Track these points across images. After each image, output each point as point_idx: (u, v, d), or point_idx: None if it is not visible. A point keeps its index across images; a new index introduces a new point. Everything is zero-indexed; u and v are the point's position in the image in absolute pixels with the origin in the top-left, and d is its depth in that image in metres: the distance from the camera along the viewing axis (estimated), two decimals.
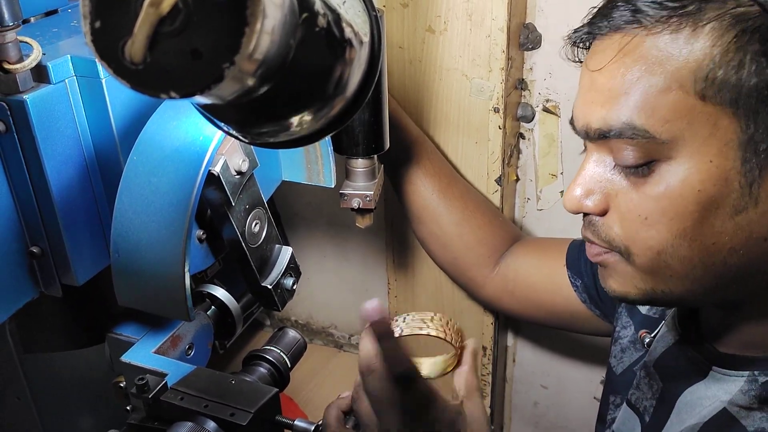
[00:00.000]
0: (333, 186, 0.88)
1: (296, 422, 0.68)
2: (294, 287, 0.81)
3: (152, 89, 0.36)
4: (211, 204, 0.72)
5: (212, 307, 0.81)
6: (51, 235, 0.67)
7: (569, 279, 0.91)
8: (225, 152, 0.69)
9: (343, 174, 0.86)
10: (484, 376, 1.14)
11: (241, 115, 0.45)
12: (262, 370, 0.75)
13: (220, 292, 0.81)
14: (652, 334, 0.74)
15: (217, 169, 0.68)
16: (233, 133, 0.47)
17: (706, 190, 0.53)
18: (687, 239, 0.55)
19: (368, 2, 0.47)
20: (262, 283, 0.77)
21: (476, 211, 0.96)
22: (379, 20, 0.48)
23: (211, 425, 0.64)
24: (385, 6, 0.95)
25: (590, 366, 1.15)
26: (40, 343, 0.80)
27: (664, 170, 0.54)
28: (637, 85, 0.54)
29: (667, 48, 0.53)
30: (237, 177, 0.71)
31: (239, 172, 0.71)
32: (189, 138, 0.66)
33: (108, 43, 0.36)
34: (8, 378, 0.83)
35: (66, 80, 0.64)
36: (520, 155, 1.06)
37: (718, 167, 0.53)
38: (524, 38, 0.96)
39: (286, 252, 0.81)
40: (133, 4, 0.35)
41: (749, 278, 0.56)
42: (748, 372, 0.60)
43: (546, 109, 1.01)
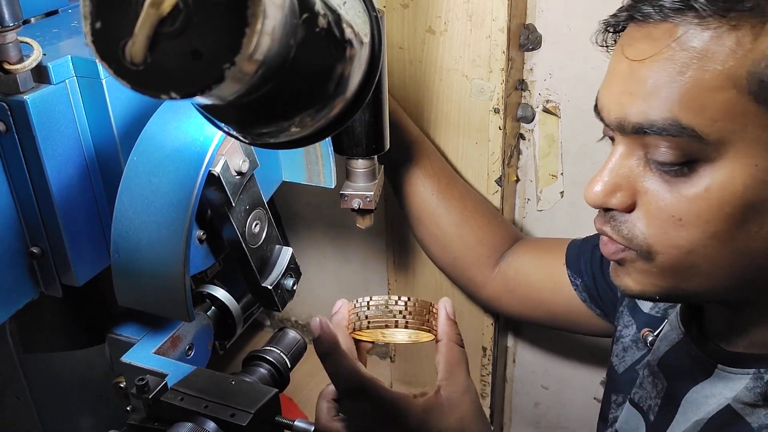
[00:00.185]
0: (333, 186, 0.88)
1: (296, 423, 0.68)
2: (294, 288, 0.81)
3: (153, 90, 0.36)
4: (212, 204, 0.72)
5: (212, 307, 0.81)
6: (51, 235, 0.67)
7: (569, 278, 0.91)
8: (225, 153, 0.69)
9: (344, 174, 0.86)
10: (484, 376, 1.14)
11: (241, 116, 0.45)
12: (262, 370, 0.75)
13: (221, 293, 0.81)
14: (655, 333, 0.73)
15: (217, 170, 0.68)
16: (233, 133, 0.47)
17: (748, 195, 0.52)
18: (720, 241, 0.53)
19: (368, 3, 0.47)
20: (263, 284, 0.77)
21: (475, 211, 0.96)
22: (379, 21, 0.48)
23: (211, 426, 0.64)
24: (385, 6, 0.95)
25: (591, 366, 1.15)
26: (40, 343, 0.80)
27: (705, 171, 0.52)
28: (686, 80, 0.51)
29: (724, 45, 0.50)
30: (237, 177, 0.71)
31: (239, 173, 0.71)
32: (189, 138, 0.66)
33: (108, 44, 0.36)
34: (8, 378, 0.83)
35: (66, 81, 0.64)
36: (521, 156, 1.06)
37: (764, 171, 0.51)
38: (524, 39, 0.96)
39: (287, 252, 0.81)
40: (134, 4, 0.35)
41: None
42: (753, 370, 0.60)
43: (546, 110, 1.01)
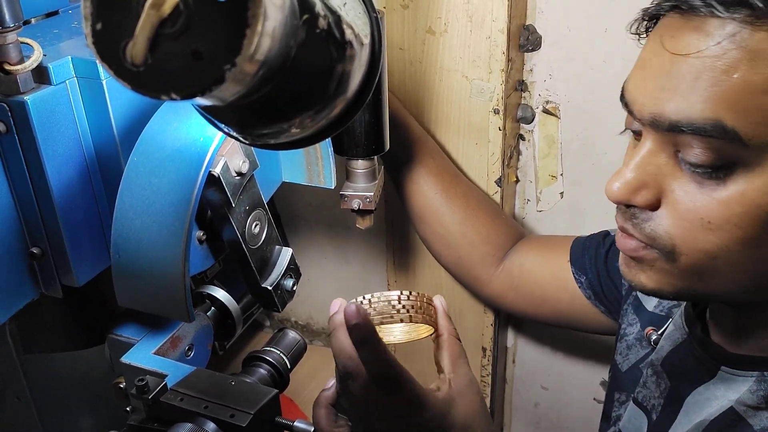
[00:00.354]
0: (333, 187, 0.88)
1: (296, 423, 0.68)
2: (294, 288, 0.81)
3: (153, 91, 0.36)
4: (212, 205, 0.72)
5: (212, 308, 0.81)
6: (51, 235, 0.67)
7: (573, 275, 0.90)
8: (225, 153, 0.69)
9: (344, 175, 0.86)
10: (484, 377, 1.14)
11: (241, 117, 0.45)
12: (262, 371, 0.75)
13: (220, 293, 0.81)
14: (659, 332, 0.73)
15: (217, 171, 0.68)
16: (234, 134, 0.47)
17: None
18: (747, 246, 0.52)
19: (369, 4, 0.47)
20: (262, 284, 0.77)
21: (479, 209, 0.96)
22: (379, 22, 0.48)
23: (210, 426, 0.64)
24: (385, 7, 0.95)
25: (591, 367, 1.15)
26: (41, 343, 0.80)
27: (742, 176, 0.51)
28: (734, 81, 0.49)
29: None
30: (237, 178, 0.71)
31: (239, 174, 0.71)
32: (189, 139, 0.66)
33: (109, 45, 0.36)
34: (8, 378, 0.83)
35: (67, 81, 0.64)
36: (520, 156, 1.06)
37: None
38: (524, 40, 0.96)
39: (286, 253, 0.81)
40: (135, 5, 0.35)
41: None
42: (757, 372, 0.60)
43: (546, 111, 1.01)
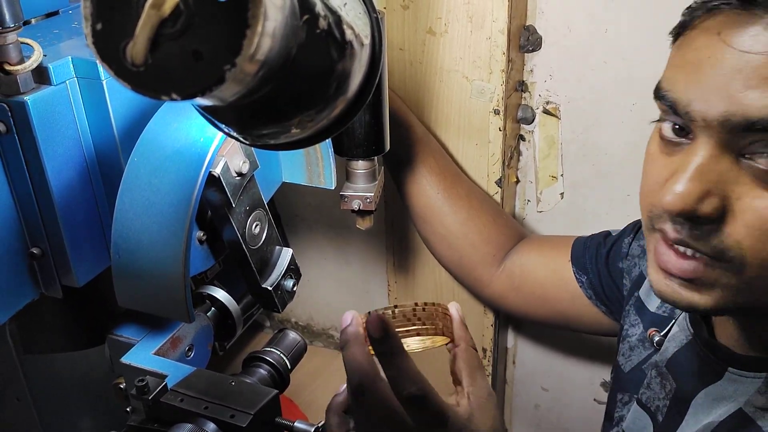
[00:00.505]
0: (333, 188, 0.88)
1: (296, 424, 0.68)
2: (294, 289, 0.81)
3: (153, 91, 0.36)
4: (212, 205, 0.72)
5: (212, 308, 0.81)
6: (51, 236, 0.67)
7: (574, 275, 0.90)
8: (225, 154, 0.69)
9: (344, 176, 0.86)
10: None
11: (241, 117, 0.45)
12: (262, 371, 0.75)
13: (221, 294, 0.81)
14: (662, 333, 0.73)
15: (217, 171, 0.68)
16: (234, 134, 0.47)
17: None
18: None
19: (369, 4, 0.47)
20: (263, 285, 0.77)
21: (481, 209, 0.96)
22: (379, 22, 0.48)
23: (210, 427, 0.64)
24: (385, 8, 0.95)
25: (591, 368, 1.15)
26: (41, 344, 0.80)
27: None
28: None
29: None
30: (237, 178, 0.71)
31: (240, 174, 0.71)
32: (190, 139, 0.66)
33: (109, 45, 0.36)
34: (8, 379, 0.83)
35: (67, 81, 0.64)
36: (521, 157, 1.06)
37: None
38: (525, 40, 0.96)
39: (287, 253, 0.81)
40: (135, 6, 0.35)
41: None
42: (765, 373, 0.60)
43: (546, 111, 1.01)
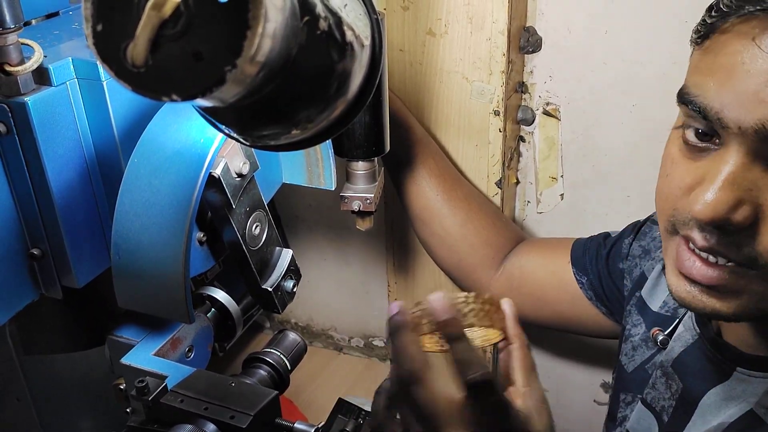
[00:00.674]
0: (333, 188, 0.88)
1: (296, 425, 0.68)
2: (294, 290, 0.81)
3: (154, 92, 0.36)
4: (212, 206, 0.72)
5: (212, 309, 0.81)
6: (52, 236, 0.67)
7: (574, 276, 0.90)
8: (226, 155, 0.69)
9: (344, 177, 0.86)
10: None
11: (242, 118, 0.45)
12: (262, 372, 0.75)
13: (221, 295, 0.81)
14: (666, 332, 0.73)
15: (217, 172, 0.68)
16: (234, 135, 0.47)
17: None
18: None
19: (369, 5, 0.47)
20: (263, 286, 0.77)
21: (480, 211, 0.96)
22: (379, 23, 0.48)
23: (210, 428, 0.64)
24: (385, 9, 0.95)
25: (590, 369, 1.15)
26: (41, 344, 0.80)
27: None
28: None
29: None
30: (238, 179, 0.71)
31: (240, 175, 0.71)
32: (190, 140, 0.66)
33: (110, 46, 0.36)
34: (8, 379, 0.83)
35: (67, 82, 0.64)
36: (520, 158, 1.06)
37: None
38: (524, 41, 0.96)
39: (287, 254, 0.81)
40: (135, 7, 0.35)
41: None
42: None
43: (546, 112, 1.01)
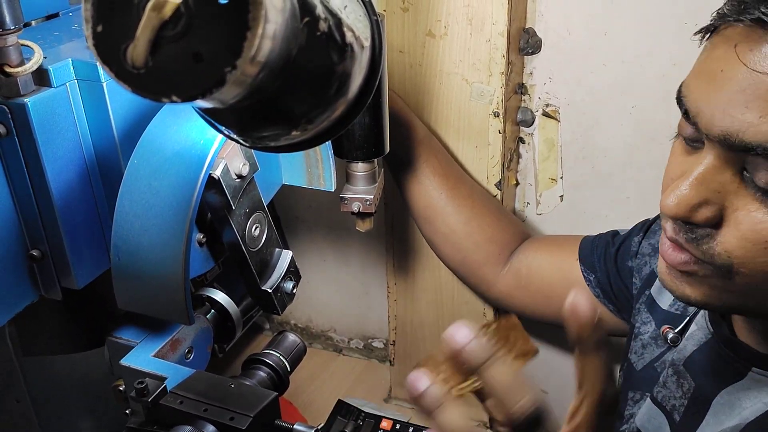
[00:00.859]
0: (333, 190, 0.88)
1: (296, 426, 0.68)
2: (294, 291, 0.81)
3: (154, 93, 0.36)
4: (212, 207, 0.72)
5: (212, 310, 0.81)
6: (51, 238, 0.67)
7: (582, 273, 0.90)
8: (226, 156, 0.69)
9: (344, 178, 0.86)
10: None
11: (241, 119, 0.45)
12: (262, 373, 0.75)
13: (220, 296, 0.81)
14: (676, 330, 0.72)
15: (217, 173, 0.68)
16: (234, 136, 0.47)
17: None
18: None
19: (369, 6, 0.47)
20: (262, 287, 0.77)
21: (484, 208, 0.96)
22: (379, 24, 0.48)
23: (210, 429, 0.64)
24: (385, 10, 0.95)
25: None
26: (40, 346, 0.80)
27: None
28: None
29: None
30: (237, 181, 0.71)
31: (240, 176, 0.71)
32: (190, 141, 0.66)
33: (110, 47, 0.36)
34: (8, 380, 0.83)
35: (67, 84, 0.64)
36: (520, 159, 1.06)
37: None
38: (524, 43, 0.96)
39: (286, 256, 0.81)
40: (136, 8, 0.35)
41: None
42: None
43: (546, 114, 1.01)
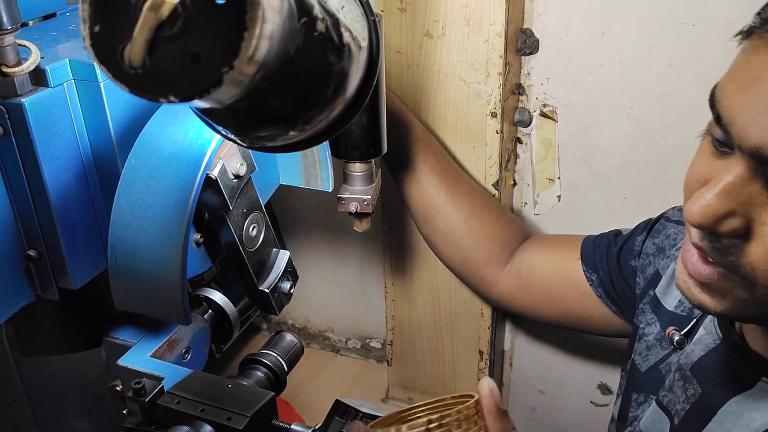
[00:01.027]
0: (331, 190, 0.87)
1: (293, 426, 0.68)
2: (291, 291, 0.81)
3: (151, 93, 0.36)
4: (209, 208, 0.72)
5: (209, 310, 0.81)
6: (48, 238, 0.66)
7: (584, 273, 0.89)
8: (223, 156, 0.69)
9: (341, 178, 0.86)
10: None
11: (239, 119, 0.45)
12: (259, 374, 0.75)
13: (218, 296, 0.81)
14: (682, 332, 0.72)
15: (215, 173, 0.68)
16: (231, 137, 0.47)
17: None
18: None
19: (366, 7, 0.47)
20: (260, 287, 0.77)
21: (484, 207, 0.95)
22: (377, 25, 0.48)
23: (207, 429, 0.64)
24: (383, 10, 0.95)
25: (588, 370, 1.15)
26: (37, 346, 0.80)
27: None
28: None
29: None
30: (235, 181, 0.71)
31: (237, 176, 0.71)
32: (187, 142, 0.66)
33: (107, 47, 0.36)
34: (5, 381, 0.83)
35: (64, 84, 0.64)
36: (518, 160, 1.06)
37: None
38: (522, 43, 0.96)
39: (284, 256, 0.81)
40: (133, 8, 0.35)
41: None
42: None
43: (543, 114, 1.01)
